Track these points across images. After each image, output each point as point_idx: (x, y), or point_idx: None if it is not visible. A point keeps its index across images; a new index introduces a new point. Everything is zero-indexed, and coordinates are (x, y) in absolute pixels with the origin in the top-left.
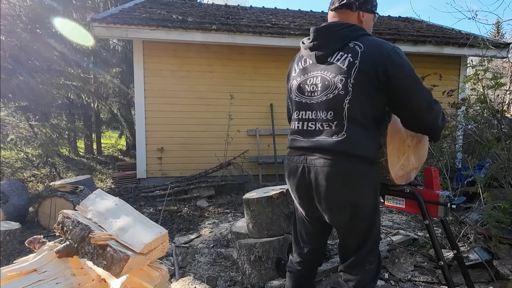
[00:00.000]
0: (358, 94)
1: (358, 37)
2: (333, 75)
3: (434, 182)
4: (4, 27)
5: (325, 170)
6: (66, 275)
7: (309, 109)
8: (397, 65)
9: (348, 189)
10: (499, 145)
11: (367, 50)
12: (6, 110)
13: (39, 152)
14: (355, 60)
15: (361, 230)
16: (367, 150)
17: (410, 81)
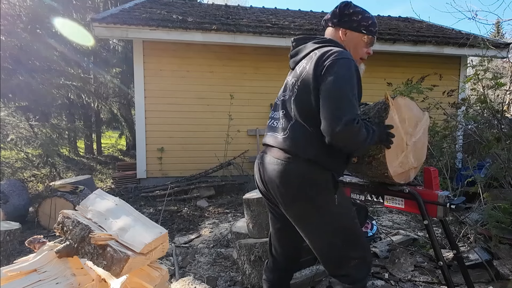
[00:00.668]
0: (300, 95)
1: (321, 48)
2: (290, 78)
3: (433, 182)
4: (4, 27)
5: (270, 167)
6: (66, 275)
7: (275, 108)
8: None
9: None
10: (499, 145)
11: (316, 57)
12: (6, 110)
13: (39, 152)
14: (306, 66)
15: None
16: (306, 149)
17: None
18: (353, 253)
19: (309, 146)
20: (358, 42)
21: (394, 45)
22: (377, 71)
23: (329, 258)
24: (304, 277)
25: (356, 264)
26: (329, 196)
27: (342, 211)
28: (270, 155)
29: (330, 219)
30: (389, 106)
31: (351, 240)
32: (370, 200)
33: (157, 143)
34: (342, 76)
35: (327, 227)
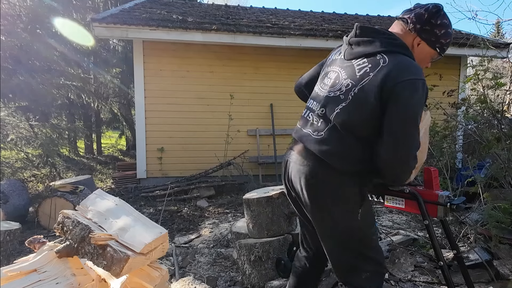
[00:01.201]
0: (355, 105)
1: (390, 52)
2: (345, 77)
3: (433, 182)
4: (4, 27)
5: (296, 168)
6: (66, 275)
7: (316, 100)
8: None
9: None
10: (499, 145)
11: (386, 68)
12: (6, 110)
13: (39, 152)
14: (370, 72)
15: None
16: (338, 159)
17: (397, 121)
18: (366, 267)
19: (340, 156)
20: (426, 57)
21: None
22: None
23: (341, 268)
24: None
25: (367, 277)
26: (353, 210)
27: (362, 225)
28: (297, 154)
29: (349, 232)
30: None
31: (367, 255)
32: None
33: (157, 143)
34: (417, 102)
35: (345, 239)
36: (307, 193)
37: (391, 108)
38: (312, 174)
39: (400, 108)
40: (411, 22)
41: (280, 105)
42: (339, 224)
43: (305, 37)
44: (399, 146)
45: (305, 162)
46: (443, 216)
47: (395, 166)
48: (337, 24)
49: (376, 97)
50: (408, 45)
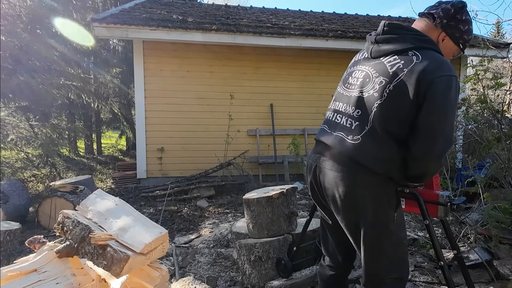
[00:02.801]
0: (392, 102)
1: (421, 49)
2: (376, 75)
3: (434, 182)
4: (4, 27)
5: (331, 174)
6: (66, 275)
7: (343, 101)
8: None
9: (348, 197)
10: (499, 145)
11: (421, 64)
12: (7, 110)
13: (39, 152)
14: (404, 68)
15: (367, 243)
16: (376, 162)
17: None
18: (391, 273)
19: (380, 159)
20: (449, 53)
21: None
22: None
23: (368, 270)
24: (304, 277)
25: (389, 283)
26: (390, 212)
27: (396, 230)
28: (331, 160)
29: (383, 236)
30: None
31: (395, 260)
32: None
33: (157, 143)
34: (452, 100)
35: (378, 243)
36: (346, 200)
37: (428, 104)
38: (351, 180)
39: (437, 104)
40: (438, 17)
41: (280, 105)
42: (376, 229)
43: (305, 37)
44: (436, 141)
45: (343, 169)
46: (443, 216)
47: (429, 161)
48: (337, 24)
49: (412, 93)
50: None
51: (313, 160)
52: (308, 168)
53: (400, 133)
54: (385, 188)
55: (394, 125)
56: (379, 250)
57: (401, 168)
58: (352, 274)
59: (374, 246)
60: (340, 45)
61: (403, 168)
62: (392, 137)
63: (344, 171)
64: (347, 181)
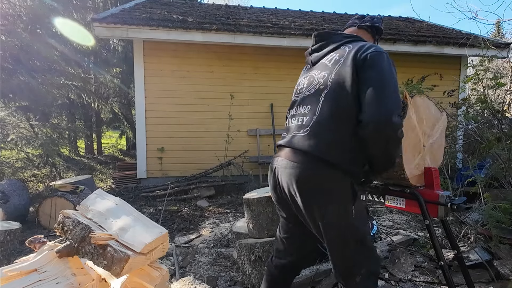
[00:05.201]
0: (335, 88)
1: (352, 41)
2: (318, 72)
3: (434, 182)
4: (4, 27)
5: (288, 171)
6: (66, 275)
7: (295, 105)
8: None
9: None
10: (499, 145)
11: (353, 49)
12: (7, 110)
13: (40, 152)
14: (340, 58)
15: (329, 239)
16: (328, 150)
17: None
18: (360, 267)
19: (333, 147)
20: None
21: (395, 45)
22: None
23: (338, 266)
24: (304, 277)
25: (361, 280)
26: (348, 206)
27: (357, 223)
28: (286, 159)
29: (345, 230)
30: (407, 105)
31: (360, 254)
32: (371, 199)
33: (157, 143)
34: (387, 68)
35: (342, 238)
36: (301, 195)
37: (366, 73)
38: (304, 174)
39: (374, 72)
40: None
41: (280, 105)
42: (335, 222)
43: (305, 37)
44: (382, 104)
45: (295, 165)
46: (444, 216)
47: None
48: (337, 24)
49: (351, 74)
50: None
51: (272, 163)
52: (269, 172)
53: (351, 116)
54: (338, 180)
55: (341, 110)
56: (341, 244)
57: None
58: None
59: (336, 241)
60: None
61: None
62: (341, 123)
63: (296, 167)
64: (300, 175)
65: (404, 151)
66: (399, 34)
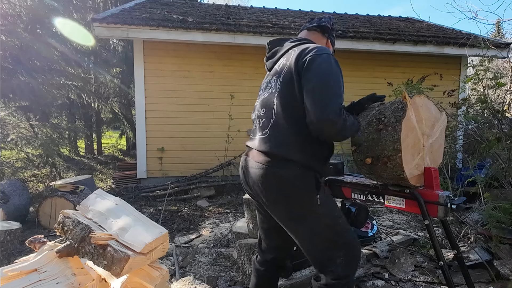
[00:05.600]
0: (284, 90)
1: (298, 45)
2: (271, 77)
3: (434, 182)
4: (4, 27)
5: (253, 171)
6: (66, 275)
7: (256, 109)
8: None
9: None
10: (499, 145)
11: (296, 52)
12: (7, 110)
13: (40, 152)
14: (287, 62)
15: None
16: (286, 149)
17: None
18: (337, 252)
19: (291, 146)
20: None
21: (395, 45)
22: (378, 71)
23: (315, 257)
24: (304, 277)
25: (341, 262)
26: (312, 197)
27: (325, 211)
28: (252, 159)
29: (313, 220)
30: (406, 105)
31: (335, 240)
32: (371, 200)
33: (157, 143)
34: (324, 68)
35: (311, 228)
36: (266, 193)
37: (305, 77)
38: (267, 173)
39: (311, 74)
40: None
41: None
42: (302, 214)
43: None
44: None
45: (259, 165)
46: (444, 216)
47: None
48: (337, 24)
49: (295, 76)
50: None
51: (242, 162)
52: (240, 172)
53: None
54: (301, 175)
55: (293, 109)
56: (313, 234)
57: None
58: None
59: (307, 232)
60: (340, 44)
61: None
62: (295, 122)
63: (260, 167)
64: (265, 174)
65: (403, 151)
66: (399, 34)
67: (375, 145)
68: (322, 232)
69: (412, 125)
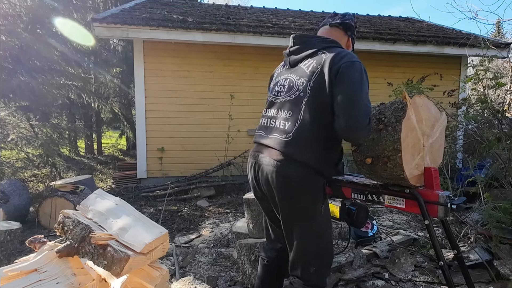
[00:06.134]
0: (315, 96)
1: (328, 48)
2: (297, 78)
3: (434, 182)
4: (4, 27)
5: (269, 168)
6: (66, 275)
7: (274, 107)
8: (343, 73)
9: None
10: (499, 145)
11: (329, 58)
12: (7, 110)
13: (40, 152)
14: (318, 65)
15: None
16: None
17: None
18: (316, 261)
19: (310, 150)
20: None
21: (395, 45)
22: (378, 71)
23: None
24: None
25: (315, 271)
26: (318, 204)
27: (324, 220)
28: (268, 156)
29: (312, 226)
30: (406, 105)
31: (321, 249)
32: (371, 200)
33: (157, 143)
34: (359, 77)
35: (307, 232)
36: (280, 190)
37: (341, 86)
38: (285, 173)
39: (347, 83)
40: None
41: None
42: (305, 217)
43: None
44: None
45: (278, 164)
46: (444, 216)
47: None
48: None
49: (328, 83)
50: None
51: (253, 158)
52: (249, 166)
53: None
54: (315, 182)
55: (321, 117)
56: (307, 238)
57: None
58: (353, 274)
59: (303, 235)
60: None
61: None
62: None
63: (278, 165)
64: (281, 175)
65: (403, 151)
66: (399, 34)
67: (375, 145)
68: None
69: (412, 125)
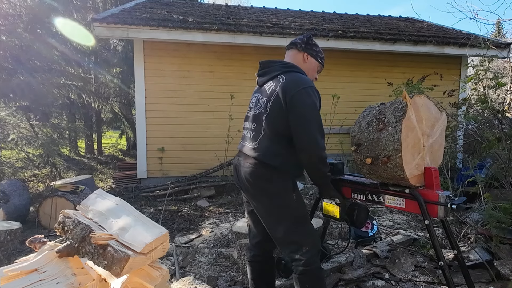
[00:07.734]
0: (272, 114)
1: (286, 72)
2: (261, 97)
3: (434, 182)
4: (4, 27)
5: (244, 170)
6: (66, 274)
7: (247, 120)
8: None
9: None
10: (499, 145)
11: (286, 82)
12: (7, 110)
13: (40, 152)
14: (276, 88)
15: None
16: (271, 159)
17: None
18: (304, 241)
19: (274, 156)
20: (313, 67)
21: (395, 45)
22: (378, 71)
23: (285, 243)
24: None
25: (307, 251)
26: (288, 192)
27: (297, 206)
28: (244, 160)
29: (287, 211)
30: (406, 105)
31: (302, 230)
32: (371, 200)
33: (157, 143)
34: (310, 103)
35: (284, 217)
36: (253, 186)
37: (293, 112)
38: (255, 172)
39: (299, 112)
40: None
41: None
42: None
43: None
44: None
45: (249, 165)
46: (444, 216)
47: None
48: (337, 24)
49: (282, 106)
50: (299, 63)
51: (235, 162)
52: (233, 169)
53: (286, 133)
54: (282, 178)
55: (279, 129)
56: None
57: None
58: (353, 274)
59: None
60: (340, 45)
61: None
62: (279, 140)
63: (251, 168)
64: (252, 173)
65: (403, 151)
66: (399, 34)
67: (375, 145)
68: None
69: (412, 125)
